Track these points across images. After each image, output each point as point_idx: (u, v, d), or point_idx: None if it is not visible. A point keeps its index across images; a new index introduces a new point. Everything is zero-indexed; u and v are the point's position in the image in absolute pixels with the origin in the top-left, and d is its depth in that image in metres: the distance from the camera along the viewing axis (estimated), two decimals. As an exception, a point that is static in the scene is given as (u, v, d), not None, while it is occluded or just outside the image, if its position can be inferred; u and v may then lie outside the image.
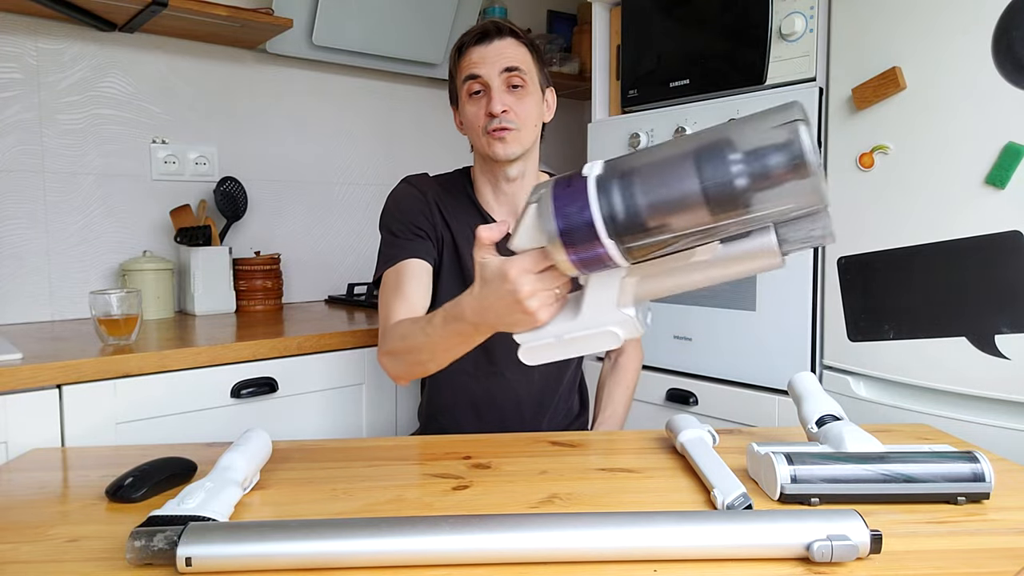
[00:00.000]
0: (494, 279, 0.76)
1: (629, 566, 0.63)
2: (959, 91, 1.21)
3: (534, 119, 1.14)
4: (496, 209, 1.19)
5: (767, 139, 0.59)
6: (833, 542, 0.62)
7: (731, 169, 0.59)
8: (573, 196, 0.64)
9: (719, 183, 0.59)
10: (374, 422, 1.54)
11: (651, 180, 0.62)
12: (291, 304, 1.98)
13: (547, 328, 0.74)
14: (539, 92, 1.15)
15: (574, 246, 0.64)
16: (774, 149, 0.58)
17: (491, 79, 1.09)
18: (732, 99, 1.56)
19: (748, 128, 0.61)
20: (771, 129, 0.59)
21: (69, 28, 1.65)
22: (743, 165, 0.59)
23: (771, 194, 0.59)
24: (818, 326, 1.46)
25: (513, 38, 1.12)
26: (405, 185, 1.21)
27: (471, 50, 1.11)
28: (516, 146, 1.11)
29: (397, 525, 0.63)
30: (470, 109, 1.12)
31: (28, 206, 1.62)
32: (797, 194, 0.59)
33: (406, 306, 1.08)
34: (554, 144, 2.53)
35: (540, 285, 0.72)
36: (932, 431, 1.07)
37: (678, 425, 0.95)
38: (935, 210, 1.25)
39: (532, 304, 0.73)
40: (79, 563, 0.64)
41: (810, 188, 0.59)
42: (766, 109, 0.61)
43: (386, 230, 1.18)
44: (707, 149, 0.60)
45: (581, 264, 0.66)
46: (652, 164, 0.63)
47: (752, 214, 0.60)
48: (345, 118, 2.14)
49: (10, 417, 1.10)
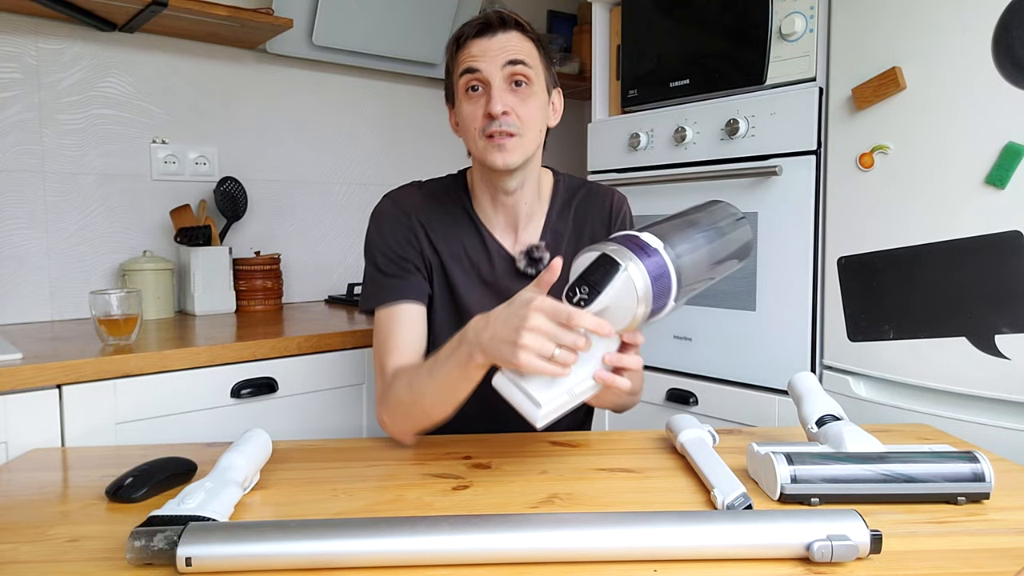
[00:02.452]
0: (518, 302, 0.78)
1: (629, 566, 0.63)
2: (959, 91, 1.21)
3: (539, 123, 1.00)
4: (495, 222, 1.08)
5: (744, 230, 0.89)
6: (833, 542, 0.62)
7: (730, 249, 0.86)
8: (656, 260, 0.76)
9: (721, 256, 0.84)
10: (374, 422, 1.53)
11: (693, 251, 0.80)
12: (291, 304, 1.98)
13: (564, 383, 0.77)
14: (545, 93, 1.02)
15: (655, 303, 0.75)
16: (749, 239, 0.90)
17: (492, 75, 0.96)
18: (732, 99, 1.56)
19: (728, 217, 0.89)
20: (740, 221, 0.89)
21: (69, 28, 1.65)
22: (735, 246, 0.87)
23: (727, 269, 0.87)
24: (818, 326, 1.46)
25: (519, 31, 0.99)
26: (388, 204, 1.08)
27: (471, 42, 0.98)
28: (517, 155, 0.97)
29: (397, 525, 0.63)
30: (467, 107, 0.98)
31: (28, 206, 1.62)
32: (734, 268, 0.89)
33: (406, 358, 1.00)
34: (554, 144, 2.52)
35: (547, 328, 0.73)
36: (932, 431, 1.07)
37: (678, 425, 0.95)
38: (935, 210, 1.25)
39: (526, 339, 0.73)
40: (79, 563, 0.64)
41: (738, 267, 0.90)
42: (723, 205, 0.91)
43: (371, 262, 1.07)
44: (715, 232, 0.85)
45: (646, 318, 0.77)
46: (687, 238, 0.81)
47: (713, 279, 0.85)
48: (345, 118, 2.14)
49: (10, 417, 1.10)
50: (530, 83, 0.98)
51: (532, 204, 1.07)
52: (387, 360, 1.01)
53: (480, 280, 1.06)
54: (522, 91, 0.98)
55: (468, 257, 1.06)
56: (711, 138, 1.60)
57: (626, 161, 1.79)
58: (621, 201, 1.14)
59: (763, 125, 1.51)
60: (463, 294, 1.06)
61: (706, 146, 1.61)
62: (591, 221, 1.11)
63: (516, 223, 1.07)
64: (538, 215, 1.09)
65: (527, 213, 1.07)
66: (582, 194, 1.12)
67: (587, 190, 1.13)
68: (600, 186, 1.15)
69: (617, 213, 1.13)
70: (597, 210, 1.12)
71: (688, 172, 1.63)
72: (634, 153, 1.76)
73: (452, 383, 0.86)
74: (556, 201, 1.10)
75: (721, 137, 1.58)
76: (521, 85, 0.97)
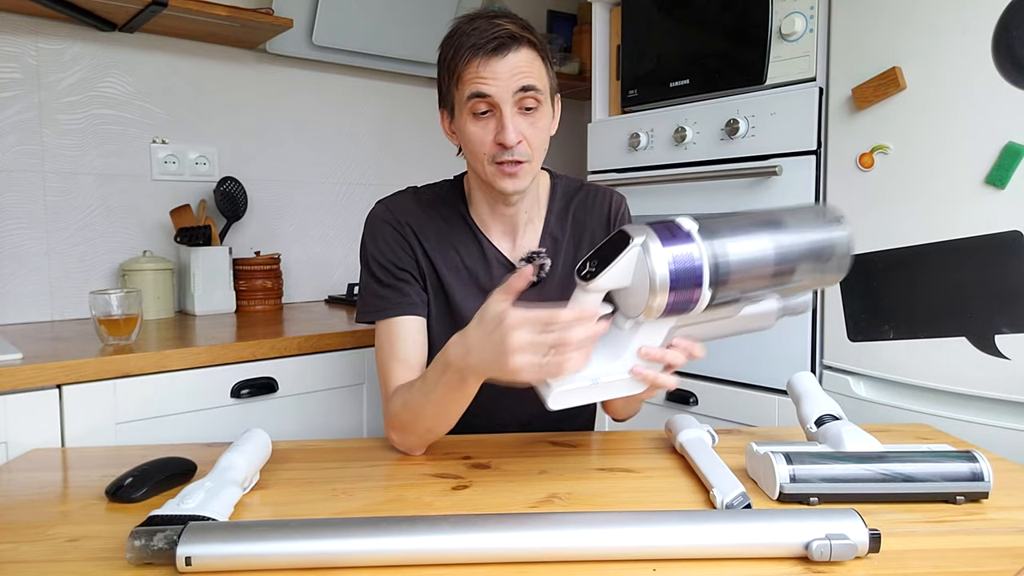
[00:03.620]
0: (489, 321, 0.74)
1: (628, 565, 0.63)
2: (959, 91, 1.21)
3: (546, 143, 0.99)
4: (492, 228, 1.06)
5: (829, 231, 0.76)
6: (832, 541, 0.62)
7: (801, 248, 0.75)
8: (684, 244, 0.70)
9: (788, 258, 0.74)
10: (374, 422, 1.54)
11: (743, 243, 0.72)
12: (291, 304, 1.98)
13: (585, 371, 0.74)
14: (551, 108, 0.99)
15: (677, 290, 0.70)
16: (834, 242, 0.76)
17: (503, 101, 0.91)
18: (732, 99, 1.56)
19: (810, 216, 0.78)
20: (829, 222, 0.77)
21: (69, 28, 1.65)
22: (811, 247, 0.75)
23: (813, 276, 0.76)
24: (818, 326, 1.46)
25: (529, 49, 0.93)
26: (381, 210, 1.07)
27: (480, 60, 0.91)
28: (527, 179, 0.97)
29: (397, 525, 0.63)
30: (474, 131, 0.94)
31: (28, 206, 1.62)
32: (826, 277, 0.78)
33: (407, 371, 0.99)
34: (554, 144, 2.52)
35: (532, 342, 0.71)
36: (931, 431, 1.07)
37: (678, 425, 0.95)
38: (935, 210, 1.25)
39: (517, 360, 0.71)
40: (79, 563, 0.65)
41: (836, 278, 0.78)
42: (813, 206, 0.79)
43: (367, 271, 1.05)
44: (782, 228, 0.75)
45: (671, 307, 0.71)
46: (742, 229, 0.73)
47: (790, 284, 0.76)
48: (345, 118, 2.14)
49: (10, 417, 1.10)
50: (540, 104, 0.95)
51: (531, 210, 1.07)
52: (388, 378, 1.00)
53: (478, 288, 1.05)
54: (532, 115, 0.94)
55: (465, 266, 1.05)
56: (711, 138, 1.60)
57: (626, 161, 1.79)
58: (620, 201, 1.14)
59: (763, 125, 1.51)
60: (460, 303, 1.04)
61: (706, 146, 1.61)
62: (591, 224, 1.10)
63: (515, 230, 1.07)
64: (536, 219, 1.08)
65: (526, 220, 1.07)
66: (580, 196, 1.12)
67: (585, 192, 1.13)
68: (598, 187, 1.14)
69: (616, 214, 1.12)
70: (597, 212, 1.11)
71: (688, 172, 1.63)
72: (634, 153, 1.76)
73: (447, 402, 0.86)
74: (554, 205, 1.10)
75: (721, 137, 1.58)
76: (531, 107, 0.94)
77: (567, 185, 1.13)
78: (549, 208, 1.10)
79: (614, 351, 0.76)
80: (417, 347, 1.02)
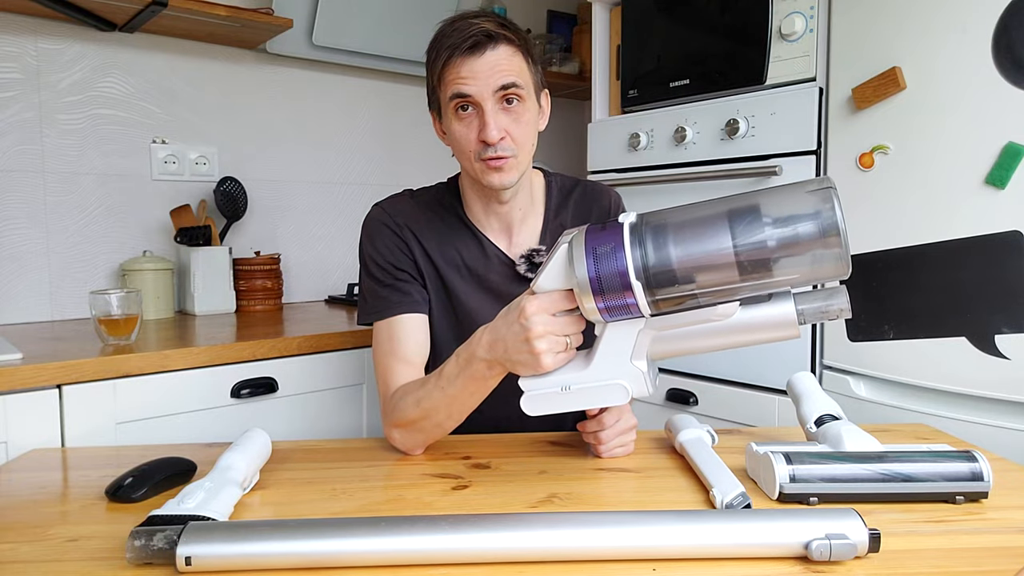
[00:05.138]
0: (511, 311, 0.77)
1: (628, 565, 0.63)
2: (959, 91, 1.21)
3: (532, 138, 1.00)
4: (488, 226, 1.07)
5: (801, 205, 0.64)
6: (832, 541, 0.62)
7: (764, 231, 0.63)
8: (607, 240, 0.64)
9: (750, 243, 0.63)
10: (374, 422, 1.54)
11: (684, 233, 0.64)
12: (291, 304, 1.99)
13: (553, 376, 0.75)
14: (535, 102, 1.00)
15: (603, 292, 0.65)
16: (807, 216, 0.63)
17: (483, 98, 0.93)
18: (732, 99, 1.56)
19: (783, 194, 0.65)
20: (805, 194, 0.64)
21: (69, 28, 1.65)
22: (774, 228, 0.63)
23: (802, 267, 0.64)
24: (818, 326, 1.46)
25: (507, 45, 0.94)
26: (378, 212, 1.07)
27: (459, 61, 0.93)
28: (514, 174, 0.97)
29: (397, 525, 0.63)
30: (459, 129, 0.96)
31: (28, 206, 1.62)
32: (823, 267, 0.64)
33: (408, 370, 1.00)
34: (554, 144, 2.53)
35: (553, 328, 0.73)
36: (931, 431, 1.07)
37: (677, 425, 0.95)
38: (935, 210, 1.25)
39: (540, 345, 0.73)
40: (79, 563, 0.65)
41: (836, 268, 0.63)
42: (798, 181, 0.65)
43: (366, 273, 1.06)
44: (741, 210, 0.64)
45: (607, 311, 0.67)
46: (686, 219, 0.65)
47: (775, 278, 0.64)
48: (345, 118, 2.14)
49: (10, 417, 1.10)
50: (522, 100, 0.96)
51: (525, 208, 1.07)
52: (389, 378, 1.00)
53: (480, 286, 1.06)
54: (515, 109, 0.95)
55: (466, 264, 1.06)
56: (711, 138, 1.60)
57: (626, 161, 1.79)
58: (618, 199, 1.15)
59: (763, 125, 1.51)
60: (463, 301, 1.05)
61: (706, 146, 1.61)
62: (593, 219, 1.11)
63: (510, 227, 1.07)
64: (531, 217, 1.09)
65: (520, 217, 1.07)
66: (578, 194, 1.12)
67: (583, 190, 1.13)
68: (596, 185, 1.15)
69: (617, 210, 1.13)
70: (598, 208, 1.12)
71: (688, 172, 1.63)
72: (634, 153, 1.76)
73: (467, 394, 0.87)
74: (551, 203, 1.10)
75: (721, 137, 1.58)
76: (513, 103, 0.95)
77: (562, 183, 1.14)
78: (547, 206, 1.10)
79: (587, 360, 0.75)
80: (419, 346, 1.03)
